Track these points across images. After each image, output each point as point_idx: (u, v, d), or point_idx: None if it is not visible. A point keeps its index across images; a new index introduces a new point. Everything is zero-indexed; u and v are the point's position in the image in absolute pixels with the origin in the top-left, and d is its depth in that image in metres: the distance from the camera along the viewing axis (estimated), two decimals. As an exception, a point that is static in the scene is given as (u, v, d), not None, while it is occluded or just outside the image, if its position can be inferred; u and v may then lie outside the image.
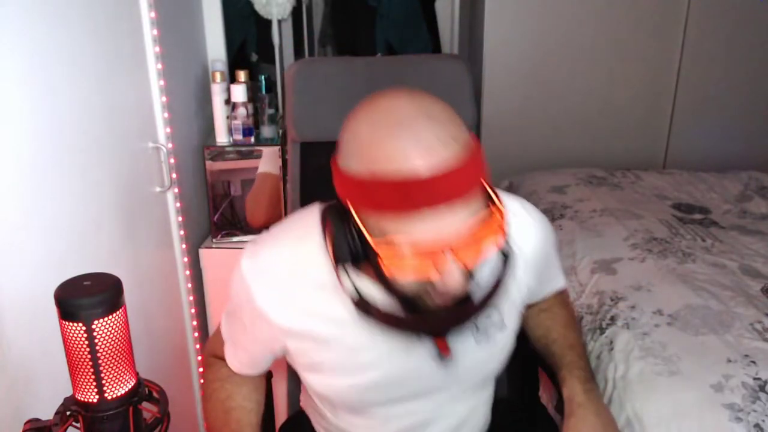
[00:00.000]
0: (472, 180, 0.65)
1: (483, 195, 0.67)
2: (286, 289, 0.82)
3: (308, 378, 0.89)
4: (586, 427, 0.91)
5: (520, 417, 1.19)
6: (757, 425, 0.96)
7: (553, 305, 1.07)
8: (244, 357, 0.94)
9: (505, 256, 0.74)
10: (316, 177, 1.29)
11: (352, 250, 0.70)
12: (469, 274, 0.69)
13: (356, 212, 0.69)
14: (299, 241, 0.83)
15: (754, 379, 1.04)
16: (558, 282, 1.06)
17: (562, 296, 1.09)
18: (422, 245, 0.64)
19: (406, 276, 0.68)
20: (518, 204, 0.92)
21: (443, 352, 0.80)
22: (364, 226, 0.67)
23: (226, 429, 0.91)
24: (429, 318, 0.73)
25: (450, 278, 0.66)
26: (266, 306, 0.82)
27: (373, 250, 0.67)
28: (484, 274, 0.77)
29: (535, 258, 0.91)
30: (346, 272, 0.73)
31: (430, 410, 0.92)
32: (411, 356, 0.84)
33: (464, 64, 1.36)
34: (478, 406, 0.99)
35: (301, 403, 1.12)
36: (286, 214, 1.79)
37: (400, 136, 0.65)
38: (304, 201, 1.28)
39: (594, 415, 0.92)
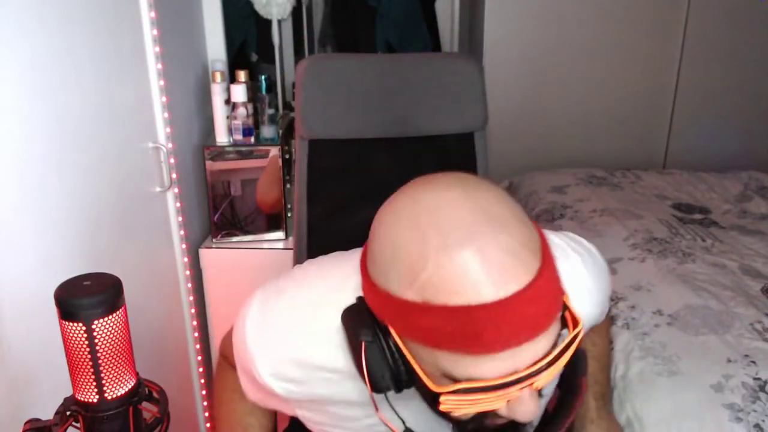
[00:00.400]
0: (555, 302, 0.52)
1: (558, 323, 0.54)
2: (293, 368, 0.71)
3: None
4: None
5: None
6: (757, 425, 0.96)
7: None
8: (256, 396, 0.84)
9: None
10: (324, 175, 1.29)
11: (395, 376, 0.57)
12: (539, 395, 0.56)
13: (400, 337, 0.56)
14: (318, 310, 0.70)
15: (754, 379, 1.04)
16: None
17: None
18: (494, 385, 0.51)
19: (469, 413, 0.56)
20: (578, 260, 0.78)
21: None
22: (412, 355, 0.55)
23: None
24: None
25: (521, 407, 0.54)
26: (271, 382, 0.73)
27: (418, 376, 0.54)
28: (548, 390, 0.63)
29: (590, 315, 0.80)
30: (388, 402, 0.60)
31: None
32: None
33: (477, 64, 1.35)
34: None
35: None
36: (289, 211, 1.79)
37: (461, 252, 0.50)
38: (312, 199, 1.28)
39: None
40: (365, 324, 0.58)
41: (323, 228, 1.30)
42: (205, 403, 1.77)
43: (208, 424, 1.80)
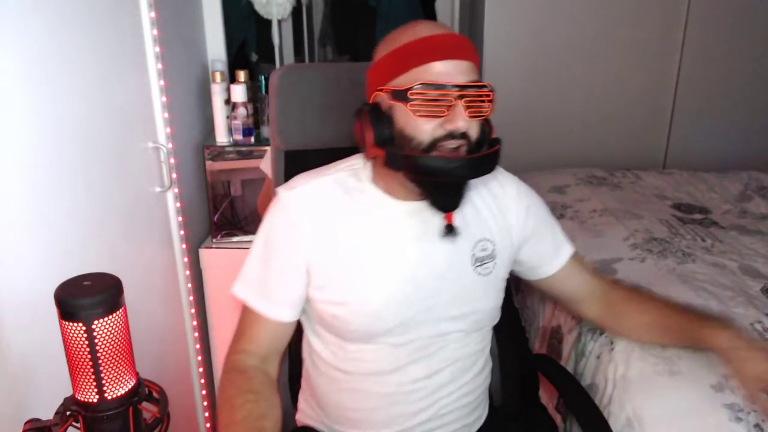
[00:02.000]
0: (471, 51, 0.87)
1: (478, 75, 0.88)
2: (318, 205, 0.93)
3: (329, 310, 0.94)
4: (756, 359, 0.95)
5: (519, 418, 1.19)
6: (757, 425, 0.96)
7: (614, 300, 1.12)
8: (277, 293, 0.96)
9: (495, 141, 0.91)
10: None
11: (386, 131, 0.87)
12: (473, 126, 0.86)
13: (387, 86, 0.87)
14: (327, 174, 0.97)
15: (754, 379, 1.04)
16: (567, 247, 1.11)
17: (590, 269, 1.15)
18: (443, 83, 0.83)
19: (428, 116, 0.84)
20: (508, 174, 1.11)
21: (448, 220, 0.92)
22: (395, 90, 0.86)
23: None
24: (447, 165, 0.85)
25: (456, 121, 0.83)
26: (301, 220, 0.92)
27: (400, 136, 0.86)
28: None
29: (529, 214, 1.05)
30: (391, 148, 0.87)
31: (430, 343, 0.96)
32: (426, 247, 0.94)
33: None
34: (476, 358, 1.04)
35: (298, 417, 1.12)
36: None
37: (421, 25, 0.88)
38: None
39: (755, 349, 0.97)
40: (368, 112, 0.89)
41: None
42: (205, 403, 1.77)
43: (208, 424, 1.80)
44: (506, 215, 1.02)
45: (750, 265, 1.46)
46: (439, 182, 0.88)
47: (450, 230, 0.93)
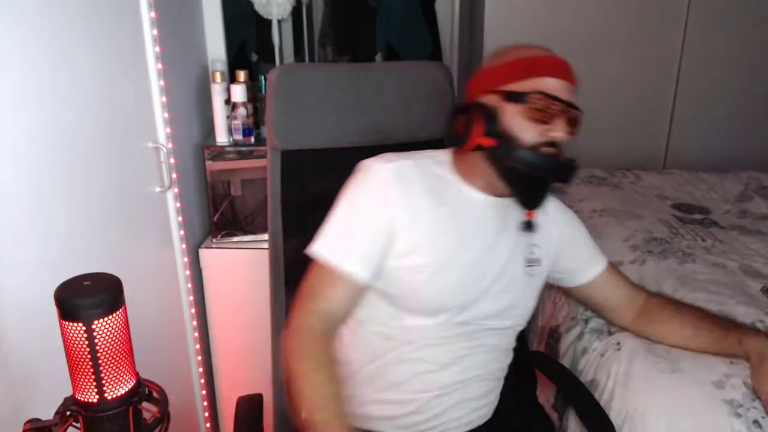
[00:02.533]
0: (574, 78, 1.00)
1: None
2: (405, 179, 1.00)
3: (407, 277, 0.99)
4: None
5: (518, 415, 1.19)
6: (756, 421, 0.96)
7: (655, 309, 1.17)
8: (358, 249, 0.98)
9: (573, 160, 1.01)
10: (298, 186, 1.24)
11: (496, 128, 0.96)
12: (564, 141, 0.97)
13: (503, 88, 0.98)
14: (411, 157, 1.04)
15: (755, 378, 1.04)
16: (597, 263, 1.17)
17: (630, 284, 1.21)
18: (552, 94, 0.95)
19: (537, 121, 0.95)
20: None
21: (529, 216, 1.03)
22: (513, 92, 0.97)
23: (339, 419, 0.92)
24: (547, 162, 0.96)
25: (558, 131, 0.95)
26: (389, 188, 0.98)
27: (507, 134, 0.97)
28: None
29: (568, 226, 1.15)
30: (501, 140, 0.97)
31: (477, 328, 1.04)
32: (497, 238, 1.03)
33: (446, 71, 1.36)
34: (504, 352, 1.11)
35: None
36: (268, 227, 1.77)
37: (537, 48, 1.02)
38: (287, 213, 1.24)
39: None
40: (478, 109, 0.99)
41: (298, 239, 1.21)
42: (205, 403, 1.77)
43: (208, 424, 1.80)
44: (550, 226, 1.11)
45: (750, 265, 1.46)
46: (532, 179, 0.98)
47: (529, 226, 1.03)
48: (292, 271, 1.21)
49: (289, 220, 1.24)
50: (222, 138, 1.75)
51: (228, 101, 1.73)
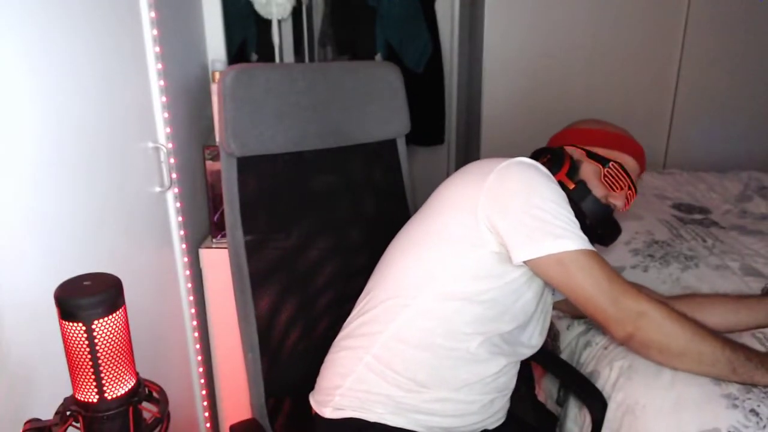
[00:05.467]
0: (643, 174, 1.23)
1: None
2: None
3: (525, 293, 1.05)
4: None
5: (518, 413, 1.21)
6: (752, 410, 0.99)
7: None
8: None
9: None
10: (258, 193, 1.19)
11: (576, 174, 1.13)
12: (618, 211, 1.13)
13: (594, 149, 1.16)
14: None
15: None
16: None
17: None
18: (627, 170, 1.13)
19: (606, 185, 1.11)
20: None
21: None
22: (597, 156, 1.14)
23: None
24: (611, 219, 1.13)
25: (619, 200, 1.12)
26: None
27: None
28: None
29: None
30: (580, 184, 1.11)
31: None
32: None
33: (397, 72, 1.34)
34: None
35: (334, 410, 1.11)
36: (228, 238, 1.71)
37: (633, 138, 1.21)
38: (247, 222, 1.17)
39: None
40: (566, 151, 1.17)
41: (263, 250, 1.19)
42: (205, 403, 1.77)
43: (208, 424, 1.80)
44: None
45: (750, 266, 1.46)
46: (590, 226, 1.07)
47: None
48: (258, 285, 1.18)
49: (252, 230, 1.18)
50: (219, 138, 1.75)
51: (219, 98, 1.73)
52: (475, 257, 1.00)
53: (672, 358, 1.01)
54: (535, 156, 1.16)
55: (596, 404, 1.12)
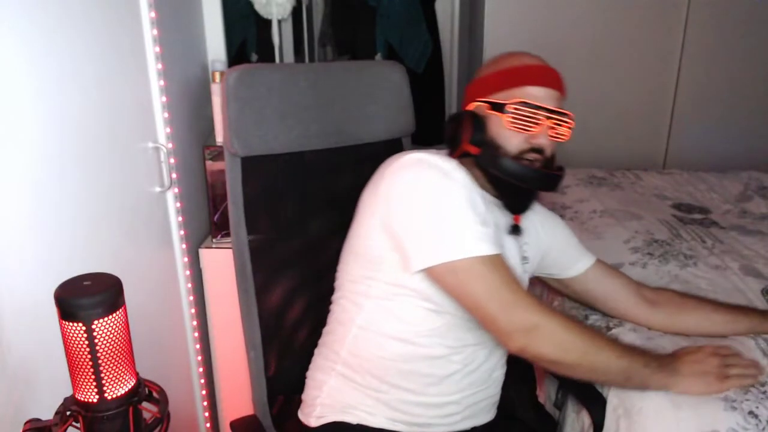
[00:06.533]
0: (563, 85, 1.04)
1: (563, 106, 1.03)
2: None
3: None
4: None
5: (517, 415, 1.20)
6: (751, 412, 0.99)
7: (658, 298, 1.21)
8: (483, 229, 0.95)
9: (560, 168, 1.07)
10: (261, 193, 1.19)
11: (482, 136, 1.02)
12: (550, 146, 1.03)
13: (488, 98, 1.04)
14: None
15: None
16: (590, 256, 1.21)
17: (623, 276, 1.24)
18: (539, 105, 0.99)
19: (519, 130, 1.00)
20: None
21: (516, 220, 1.08)
22: (496, 103, 1.02)
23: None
24: (530, 173, 1.01)
25: (541, 139, 1.00)
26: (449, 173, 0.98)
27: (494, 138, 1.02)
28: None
29: (555, 227, 1.21)
30: (485, 149, 1.02)
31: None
32: (507, 238, 1.07)
33: (402, 71, 1.33)
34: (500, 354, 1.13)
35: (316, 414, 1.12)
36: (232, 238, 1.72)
37: (525, 56, 1.07)
38: (251, 222, 1.18)
39: None
40: (467, 112, 1.06)
41: (266, 249, 1.19)
42: (205, 403, 1.77)
43: (208, 424, 1.80)
44: (538, 226, 1.17)
45: (750, 266, 1.46)
46: (516, 186, 1.02)
47: (515, 230, 1.08)
48: (262, 284, 1.19)
49: (256, 230, 1.18)
50: (222, 138, 1.75)
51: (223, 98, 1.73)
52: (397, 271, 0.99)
53: (565, 369, 0.97)
54: (447, 124, 1.07)
55: (597, 407, 1.11)
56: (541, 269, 1.21)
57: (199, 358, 1.72)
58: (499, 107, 1.01)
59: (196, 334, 1.70)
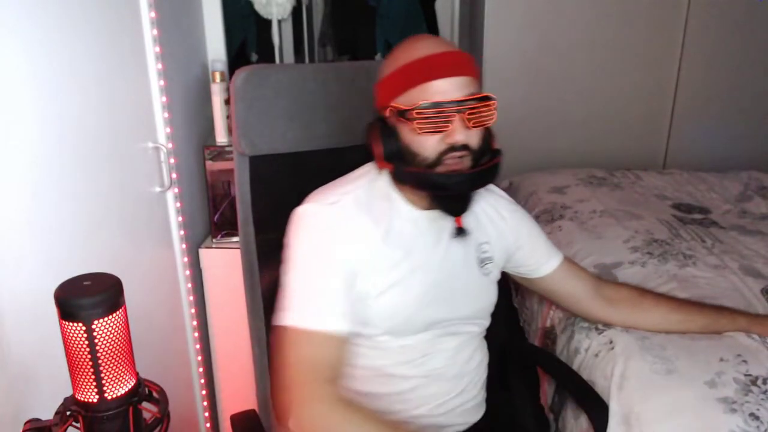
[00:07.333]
0: (469, 66, 0.92)
1: (478, 87, 0.93)
2: (346, 214, 0.96)
3: (376, 304, 0.96)
4: None
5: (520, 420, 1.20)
6: (752, 414, 0.98)
7: (629, 298, 1.20)
8: (333, 304, 0.92)
9: (496, 152, 0.97)
10: (269, 192, 1.20)
11: (394, 147, 0.93)
12: (473, 137, 0.92)
13: (392, 104, 0.93)
14: (345, 186, 1.00)
15: (745, 375, 1.06)
16: (557, 254, 1.17)
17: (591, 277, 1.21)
18: (440, 101, 0.88)
19: (430, 133, 0.90)
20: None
21: (458, 223, 1.00)
22: (399, 109, 0.91)
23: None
24: (449, 180, 0.92)
25: (456, 134, 0.89)
26: (336, 227, 0.95)
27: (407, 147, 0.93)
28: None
29: (521, 223, 1.14)
30: (398, 164, 0.94)
31: (447, 338, 1.04)
32: (444, 250, 1.02)
33: None
34: (477, 349, 1.11)
35: None
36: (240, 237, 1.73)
37: (420, 43, 0.93)
38: (258, 220, 1.19)
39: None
40: (378, 128, 0.95)
41: (274, 249, 1.16)
42: (205, 403, 1.77)
43: (208, 424, 1.80)
44: (503, 222, 1.11)
45: (750, 266, 1.46)
46: (441, 192, 0.95)
47: (460, 232, 1.01)
48: (269, 285, 1.18)
49: (263, 229, 1.19)
50: (222, 138, 1.75)
51: (228, 101, 1.73)
52: None
53: None
54: (366, 135, 0.99)
55: (597, 412, 1.09)
56: (510, 267, 1.16)
57: (199, 358, 1.72)
58: (403, 114, 0.91)
59: (196, 334, 1.70)
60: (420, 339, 1.02)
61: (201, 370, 1.73)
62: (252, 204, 1.18)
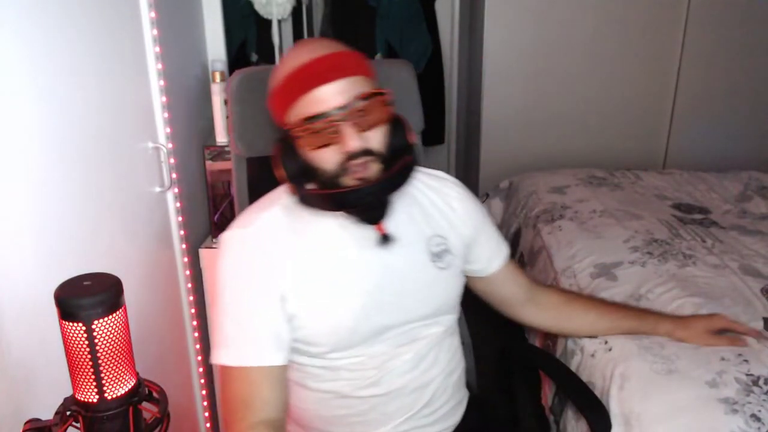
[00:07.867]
0: (353, 65, 0.86)
1: (369, 84, 0.87)
2: (267, 236, 0.92)
3: (314, 321, 0.92)
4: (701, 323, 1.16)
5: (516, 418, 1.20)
6: (753, 415, 0.98)
7: (555, 302, 1.16)
8: (267, 336, 0.89)
9: (408, 148, 0.91)
10: (267, 193, 1.18)
11: (295, 167, 0.89)
12: (372, 139, 0.86)
13: (284, 120, 0.89)
14: (262, 211, 0.95)
15: (747, 375, 1.06)
16: (505, 248, 1.12)
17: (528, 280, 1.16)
18: (322, 111, 0.83)
19: (319, 146, 0.85)
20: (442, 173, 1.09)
21: (380, 231, 0.91)
22: (287, 130, 0.88)
23: None
24: (356, 195, 0.86)
25: (350, 141, 0.83)
26: (258, 252, 0.90)
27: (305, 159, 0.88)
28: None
29: (472, 214, 1.05)
30: (300, 183, 0.90)
31: (405, 341, 0.97)
32: (380, 255, 0.93)
33: (410, 70, 1.32)
34: (445, 347, 1.03)
35: None
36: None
37: (298, 50, 0.88)
38: None
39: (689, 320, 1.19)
40: (281, 148, 0.91)
41: None
42: (205, 403, 1.77)
43: (208, 424, 1.80)
44: (452, 213, 1.03)
45: (750, 266, 1.46)
46: (352, 208, 0.89)
47: (385, 239, 0.92)
48: None
49: None
50: (222, 138, 1.75)
51: (228, 101, 1.73)
52: None
53: None
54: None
55: (597, 414, 1.08)
56: (466, 263, 1.06)
57: (199, 358, 1.72)
58: (290, 133, 0.88)
59: (196, 334, 1.70)
60: (374, 353, 0.95)
61: (201, 370, 1.73)
62: (249, 204, 1.18)
